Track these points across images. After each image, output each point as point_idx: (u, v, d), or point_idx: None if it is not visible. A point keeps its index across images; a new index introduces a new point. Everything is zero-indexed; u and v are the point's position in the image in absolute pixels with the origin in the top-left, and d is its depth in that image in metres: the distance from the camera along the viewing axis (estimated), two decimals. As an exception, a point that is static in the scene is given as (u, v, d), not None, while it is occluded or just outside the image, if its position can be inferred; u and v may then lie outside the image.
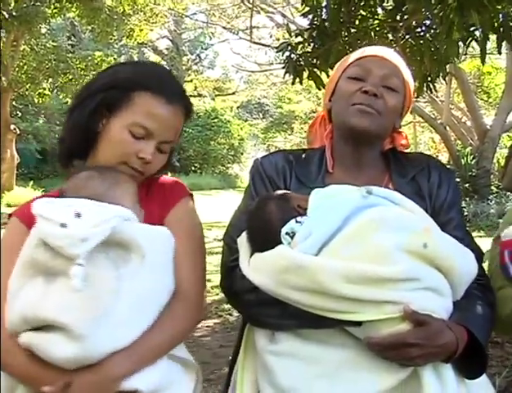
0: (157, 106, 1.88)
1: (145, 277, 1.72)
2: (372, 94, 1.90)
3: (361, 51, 2.03)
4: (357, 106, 1.90)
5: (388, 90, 1.93)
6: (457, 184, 2.14)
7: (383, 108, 1.91)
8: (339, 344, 1.69)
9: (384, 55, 1.99)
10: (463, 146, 20.64)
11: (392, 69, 1.97)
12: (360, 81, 1.94)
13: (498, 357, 5.38)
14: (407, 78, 2.01)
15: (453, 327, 1.68)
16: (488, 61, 20.42)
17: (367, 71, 1.95)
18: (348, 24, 6.23)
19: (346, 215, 1.71)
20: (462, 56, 10.82)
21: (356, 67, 1.97)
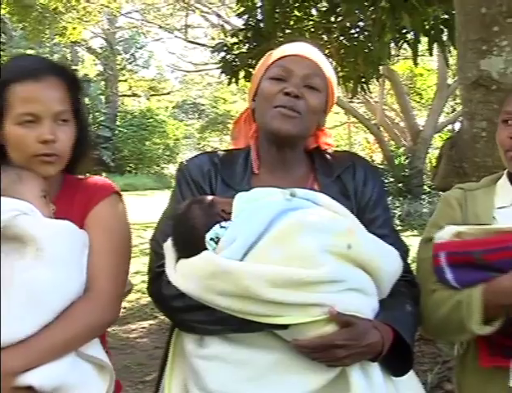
0: (27, 90, 1.85)
1: (42, 271, 1.69)
2: (294, 96, 1.89)
3: (283, 49, 2.00)
4: (278, 108, 1.89)
5: (310, 90, 1.92)
6: (383, 182, 2.15)
7: (305, 109, 1.90)
8: (268, 347, 1.69)
9: (305, 54, 1.97)
10: (396, 147, 20.98)
11: (313, 68, 1.95)
12: (281, 81, 1.92)
13: (430, 354, 5.47)
14: (329, 75, 2.00)
15: (379, 326, 1.69)
16: (420, 63, 20.80)
17: (288, 71, 1.93)
18: (282, 24, 6.26)
19: (270, 219, 1.70)
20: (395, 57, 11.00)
21: (277, 67, 1.95)
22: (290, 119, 1.89)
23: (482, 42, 3.14)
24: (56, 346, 1.70)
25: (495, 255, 1.82)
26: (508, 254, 1.80)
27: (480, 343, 1.91)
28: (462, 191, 2.12)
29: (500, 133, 2.03)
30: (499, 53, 3.12)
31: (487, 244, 1.83)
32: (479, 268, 1.84)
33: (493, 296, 1.79)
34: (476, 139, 3.27)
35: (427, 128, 19.15)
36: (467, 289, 1.85)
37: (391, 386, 1.74)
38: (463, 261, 1.86)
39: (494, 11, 3.08)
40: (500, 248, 1.81)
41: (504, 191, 2.07)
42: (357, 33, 6.31)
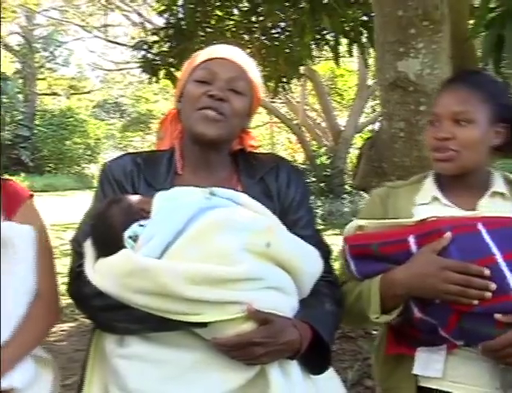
0: None
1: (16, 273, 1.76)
2: (218, 98, 1.88)
3: (209, 52, 2.00)
4: (203, 111, 1.88)
5: (234, 93, 1.92)
6: (307, 183, 2.17)
7: (229, 112, 1.90)
8: (188, 346, 1.68)
9: (230, 57, 1.97)
10: (318, 147, 21.23)
11: (238, 72, 1.95)
12: (206, 84, 1.91)
13: (351, 351, 5.55)
14: (255, 79, 2.01)
15: (297, 324, 1.71)
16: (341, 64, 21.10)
17: (213, 74, 1.92)
18: (204, 23, 6.24)
19: (188, 217, 1.70)
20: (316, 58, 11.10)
21: (202, 70, 1.95)
22: (215, 123, 1.88)
23: (400, 44, 3.20)
24: (27, 347, 1.80)
25: (391, 248, 1.88)
26: (403, 246, 1.86)
27: (388, 332, 1.99)
28: (386, 189, 2.18)
29: (427, 133, 2.07)
30: (416, 55, 3.18)
31: (384, 237, 1.90)
32: (378, 260, 1.90)
33: (388, 287, 1.85)
34: (394, 139, 3.33)
35: (348, 129, 19.45)
36: (367, 280, 1.92)
37: (310, 384, 1.77)
38: (363, 253, 1.92)
39: (410, 14, 3.14)
40: (396, 241, 1.88)
41: (426, 189, 2.11)
42: (278, 33, 6.35)
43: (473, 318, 1.78)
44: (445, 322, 1.82)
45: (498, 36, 3.47)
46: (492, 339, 1.77)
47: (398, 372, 1.98)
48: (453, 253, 1.80)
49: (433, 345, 1.90)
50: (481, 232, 1.83)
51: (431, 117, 2.07)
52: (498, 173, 2.12)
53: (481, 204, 2.02)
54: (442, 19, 3.19)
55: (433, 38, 3.17)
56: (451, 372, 1.89)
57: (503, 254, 1.78)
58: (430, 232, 1.85)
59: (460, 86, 2.05)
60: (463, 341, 1.85)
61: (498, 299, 1.75)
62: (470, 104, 2.00)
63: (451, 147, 1.98)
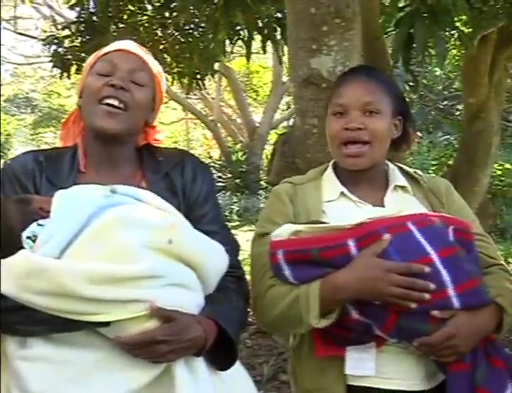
0: None
1: None
2: (119, 88, 1.87)
3: (109, 46, 2.00)
4: (104, 101, 1.87)
5: (136, 85, 1.91)
6: (213, 178, 2.16)
7: (131, 102, 1.89)
8: (91, 346, 1.66)
9: (130, 49, 1.97)
10: (234, 143, 21.29)
11: (139, 63, 1.95)
12: (106, 76, 1.90)
13: (266, 346, 5.58)
14: (156, 72, 2.00)
15: (202, 320, 1.71)
16: (256, 61, 21.19)
17: (114, 66, 1.91)
18: (116, 19, 6.14)
19: (88, 215, 1.67)
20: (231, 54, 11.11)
21: (103, 62, 1.94)
22: (116, 116, 1.87)
23: (312, 41, 3.22)
24: None
25: (332, 252, 1.86)
26: (344, 250, 1.86)
27: (314, 334, 1.96)
28: (292, 186, 2.15)
29: (332, 125, 2.07)
30: (328, 52, 3.21)
31: (323, 241, 1.88)
32: (317, 265, 1.88)
33: (329, 291, 1.84)
34: (308, 135, 3.35)
35: (263, 125, 19.57)
36: (305, 284, 1.89)
37: (217, 380, 1.76)
38: (301, 258, 1.90)
39: (323, 12, 3.17)
40: (337, 245, 1.87)
41: (330, 185, 2.12)
42: (192, 29, 6.31)
43: (410, 316, 1.81)
44: (382, 322, 1.84)
45: (408, 34, 3.56)
46: (427, 335, 1.81)
47: (326, 373, 1.97)
48: (392, 255, 1.82)
49: (362, 343, 1.91)
50: (413, 232, 1.85)
51: (336, 108, 2.06)
52: (393, 166, 2.17)
53: (387, 199, 2.07)
54: (353, 17, 3.23)
55: (345, 36, 3.21)
56: (380, 368, 1.92)
57: (437, 252, 1.82)
58: (368, 235, 1.85)
59: (364, 78, 2.08)
60: (397, 339, 1.88)
61: (436, 296, 1.79)
62: (378, 95, 2.05)
63: (363, 138, 2.01)
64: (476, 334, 1.85)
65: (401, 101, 2.14)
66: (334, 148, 2.09)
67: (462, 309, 1.82)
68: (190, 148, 24.09)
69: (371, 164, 2.06)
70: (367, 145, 2.02)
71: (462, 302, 1.81)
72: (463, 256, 1.88)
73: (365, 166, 2.05)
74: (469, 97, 6.63)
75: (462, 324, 1.81)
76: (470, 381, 1.83)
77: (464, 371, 1.84)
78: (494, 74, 6.51)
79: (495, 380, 1.85)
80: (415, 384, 1.93)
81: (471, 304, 1.84)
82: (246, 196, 17.55)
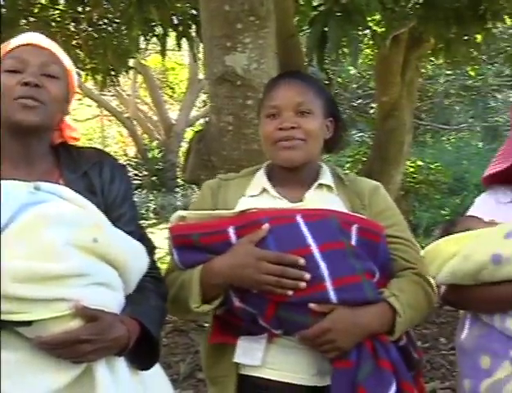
0: None
1: None
2: (33, 85, 1.81)
3: (15, 41, 1.92)
4: (20, 100, 1.80)
5: (49, 78, 1.86)
6: (130, 179, 2.14)
7: (47, 98, 1.84)
8: (12, 346, 1.60)
9: (38, 42, 1.91)
10: (150, 140, 21.11)
11: (49, 56, 1.90)
12: (18, 73, 1.84)
13: (183, 344, 5.56)
14: (67, 64, 1.96)
15: (125, 320, 1.69)
16: (172, 57, 21.07)
17: (24, 62, 1.85)
18: (26, 12, 5.98)
19: (12, 213, 1.62)
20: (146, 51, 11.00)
21: (11, 59, 1.86)
22: (33, 110, 1.81)
23: (227, 38, 3.22)
24: None
25: (211, 238, 1.90)
26: (223, 237, 1.89)
27: (213, 322, 2.00)
28: (218, 181, 2.19)
29: (266, 127, 2.07)
30: (243, 50, 3.22)
31: (204, 227, 1.92)
32: (200, 251, 1.92)
33: (207, 276, 1.88)
34: (223, 133, 3.35)
35: (179, 122, 19.49)
36: (189, 270, 1.93)
37: (137, 380, 1.75)
38: (185, 243, 1.94)
39: (237, 9, 3.17)
40: (216, 231, 1.90)
41: (257, 181, 2.14)
42: (106, 24, 6.21)
43: (289, 307, 1.83)
44: (263, 312, 1.85)
45: (321, 33, 3.60)
46: (308, 328, 1.82)
47: (222, 361, 2.00)
48: (270, 244, 1.84)
49: (255, 334, 1.93)
50: (299, 224, 1.87)
51: (270, 110, 2.07)
52: (327, 167, 2.18)
53: (307, 196, 2.08)
54: (267, 15, 3.24)
55: (260, 34, 3.22)
56: (270, 359, 1.93)
57: (318, 245, 1.84)
58: (249, 224, 1.88)
59: (295, 80, 2.11)
60: (281, 330, 1.89)
61: (313, 288, 1.81)
62: (309, 96, 2.07)
63: (297, 136, 2.02)
64: (356, 331, 1.85)
65: (331, 103, 2.17)
66: (268, 147, 2.09)
67: (340, 303, 1.84)
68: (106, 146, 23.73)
69: (305, 160, 2.07)
70: (301, 141, 2.03)
71: (339, 296, 1.82)
72: (353, 253, 1.90)
73: (299, 161, 2.06)
74: (382, 96, 6.78)
75: (340, 319, 1.83)
76: (352, 378, 1.82)
77: (346, 368, 1.84)
78: (406, 73, 6.68)
79: (378, 380, 1.84)
80: (304, 378, 1.94)
81: (348, 299, 1.85)
82: (163, 193, 17.43)
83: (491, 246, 1.82)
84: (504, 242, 1.82)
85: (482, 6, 5.51)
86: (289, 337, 1.91)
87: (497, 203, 2.10)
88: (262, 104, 2.14)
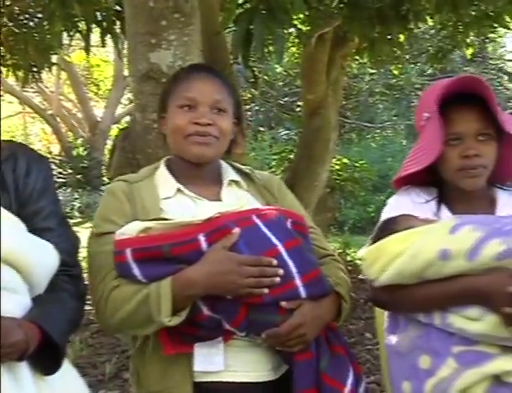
0: None
1: None
2: None
3: None
4: None
5: None
6: (50, 172, 2.04)
7: None
8: None
9: None
10: (74, 138, 20.74)
11: None
12: None
13: (109, 344, 5.50)
14: None
15: (23, 324, 1.63)
16: (97, 54, 20.77)
17: None
18: None
19: None
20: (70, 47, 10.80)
21: None
22: None
23: (151, 35, 3.18)
24: None
25: (183, 248, 1.85)
26: (194, 246, 1.85)
27: (161, 333, 1.91)
28: (127, 184, 2.09)
29: (179, 118, 2.03)
30: (167, 47, 3.18)
31: (174, 238, 1.86)
32: (168, 262, 1.86)
33: (181, 288, 1.81)
34: (148, 131, 3.31)
35: (105, 120, 19.24)
36: (155, 282, 1.84)
37: (43, 385, 1.69)
38: (151, 256, 1.86)
39: (161, 6, 3.13)
40: (188, 241, 1.85)
41: (166, 182, 2.10)
42: (27, 19, 6.05)
43: (260, 308, 1.84)
44: (233, 317, 1.85)
45: (247, 31, 3.59)
46: (276, 326, 1.85)
47: (175, 371, 1.93)
48: (242, 248, 1.84)
49: (210, 339, 1.90)
50: (259, 226, 1.89)
51: (184, 101, 2.04)
52: (224, 163, 2.19)
53: (223, 193, 2.08)
54: (192, 12, 3.22)
55: (184, 31, 3.19)
56: (228, 361, 1.92)
57: (282, 244, 1.86)
58: (218, 229, 1.86)
59: (213, 76, 2.10)
60: (246, 332, 1.89)
61: (284, 287, 1.84)
62: (225, 95, 2.08)
63: (212, 133, 2.01)
64: (320, 322, 1.91)
65: (238, 106, 2.18)
66: (178, 139, 2.05)
67: (308, 298, 1.88)
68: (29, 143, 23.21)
69: (215, 158, 2.08)
70: (215, 138, 2.03)
71: (308, 292, 1.87)
72: (305, 247, 1.94)
73: (210, 158, 2.06)
74: (307, 94, 6.84)
75: (308, 313, 1.87)
76: (315, 368, 1.89)
77: (309, 359, 1.89)
78: (331, 71, 6.75)
79: (338, 366, 1.93)
80: (262, 375, 1.96)
81: (315, 293, 1.90)
82: (88, 192, 17.15)
83: (438, 243, 1.83)
84: (450, 237, 1.83)
85: (404, 7, 5.62)
86: (243, 337, 1.91)
87: (413, 203, 2.13)
88: (171, 93, 2.10)
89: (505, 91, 19.54)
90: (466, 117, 2.01)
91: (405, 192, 2.19)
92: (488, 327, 1.77)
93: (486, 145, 2.02)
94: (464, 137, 2.01)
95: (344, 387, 1.90)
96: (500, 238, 1.78)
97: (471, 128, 2.01)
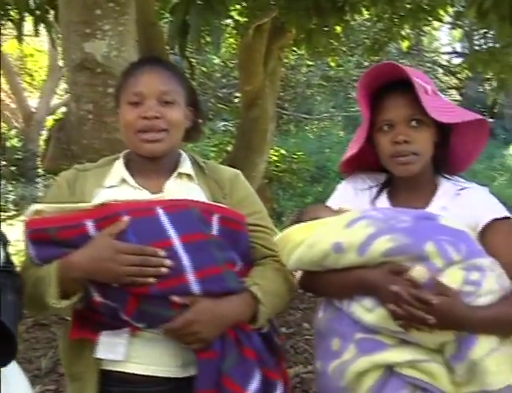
0: None
1: None
2: None
3: None
4: None
5: None
6: None
7: None
8: None
9: None
10: (8, 129, 20.29)
11: None
12: None
13: (45, 338, 5.41)
14: None
15: None
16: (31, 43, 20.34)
17: None
18: None
19: None
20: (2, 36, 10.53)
21: None
22: None
23: (86, 24, 3.13)
24: None
25: (69, 232, 1.85)
26: (81, 231, 1.85)
27: (73, 318, 1.94)
28: (75, 171, 2.12)
29: (128, 114, 2.02)
30: (102, 37, 3.15)
31: (62, 221, 1.86)
32: (58, 245, 1.86)
33: (65, 271, 1.82)
34: (83, 121, 3.27)
35: (40, 110, 18.84)
36: (47, 265, 1.87)
37: None
38: (42, 238, 1.87)
39: (96, -6, 3.10)
40: (75, 225, 1.85)
41: (116, 171, 2.10)
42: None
43: (151, 300, 1.81)
44: (124, 306, 1.83)
45: (183, 21, 3.58)
46: (171, 320, 1.82)
47: (82, 356, 1.95)
48: (130, 237, 1.82)
49: (117, 328, 1.89)
50: (159, 216, 1.86)
51: (131, 98, 2.03)
52: (187, 155, 2.18)
53: (167, 186, 2.06)
54: (127, 1, 3.19)
55: (119, 20, 3.17)
56: (134, 353, 1.91)
57: (179, 236, 1.83)
58: (108, 216, 1.85)
59: (159, 68, 2.08)
60: (144, 324, 1.87)
61: (175, 281, 1.81)
62: (173, 85, 2.06)
63: (160, 127, 2.00)
64: (220, 321, 1.87)
65: (192, 93, 2.16)
66: (129, 135, 2.04)
67: (203, 294, 1.84)
68: (-39, 134, 22.65)
69: (168, 151, 2.06)
70: (164, 132, 2.01)
71: (203, 288, 1.83)
72: (217, 243, 1.91)
73: (162, 152, 2.04)
74: (245, 85, 6.84)
75: (203, 310, 1.83)
76: (217, 368, 1.84)
77: (211, 358, 1.85)
78: (269, 63, 6.76)
79: (242, 369, 1.87)
80: (168, 370, 1.94)
81: (212, 290, 1.85)
82: (23, 184, 16.79)
83: (333, 235, 1.88)
84: (344, 231, 1.88)
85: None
86: (151, 330, 1.89)
87: (355, 190, 2.17)
88: (122, 89, 2.09)
89: (439, 83, 19.94)
90: (396, 103, 2.03)
91: (351, 179, 2.22)
92: (379, 319, 1.83)
93: (418, 131, 2.03)
94: (395, 123, 2.03)
95: (245, 392, 1.84)
96: (389, 235, 1.83)
97: (401, 114, 2.03)
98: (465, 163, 2.20)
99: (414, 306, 1.75)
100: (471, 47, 19.87)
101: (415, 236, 1.83)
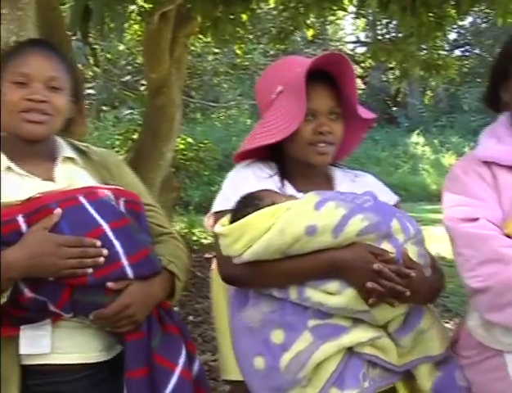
0: None
1: None
2: None
3: None
4: None
5: None
6: None
7: None
8: None
9: None
10: None
11: None
12: None
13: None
14: None
15: None
16: None
17: None
18: None
19: None
20: None
21: None
22: None
23: (-20, 8, 3.00)
24: None
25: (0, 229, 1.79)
26: (13, 227, 1.80)
27: None
28: None
29: (12, 94, 1.95)
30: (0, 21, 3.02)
31: None
32: None
33: (2, 271, 1.75)
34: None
35: None
36: None
37: None
38: None
39: (-8, -23, 2.97)
40: (5, 222, 1.80)
41: None
42: None
43: (85, 289, 1.82)
44: (57, 298, 1.81)
45: (85, 7, 3.48)
46: (104, 307, 1.83)
47: (4, 355, 1.86)
48: (64, 229, 1.81)
49: (36, 321, 1.85)
50: (84, 205, 1.86)
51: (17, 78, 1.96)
52: (62, 140, 2.15)
53: (57, 172, 2.03)
54: (26, -15, 3.07)
55: (18, 5, 3.04)
56: (57, 343, 1.88)
57: (108, 224, 1.85)
58: (38, 210, 1.81)
59: (50, 52, 2.04)
60: (73, 314, 1.86)
61: (110, 267, 1.82)
62: (61, 72, 2.03)
63: (46, 111, 1.96)
64: (150, 302, 1.91)
65: (77, 83, 2.14)
66: (11, 116, 1.96)
67: (136, 278, 1.87)
68: None
69: (47, 136, 2.02)
70: (48, 116, 1.97)
71: (135, 272, 1.86)
72: (135, 227, 1.94)
73: (44, 136, 2.00)
74: (151, 73, 6.76)
75: (136, 293, 1.86)
76: (146, 348, 1.88)
77: (140, 339, 1.88)
78: (175, 50, 6.70)
79: (170, 345, 1.93)
80: (93, 356, 1.94)
81: (144, 273, 1.89)
82: None
83: (305, 218, 1.86)
84: (316, 213, 1.86)
85: (246, -13, 5.67)
86: (73, 319, 1.88)
87: (257, 177, 2.16)
88: (5, 67, 2.01)
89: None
90: (322, 94, 2.09)
91: (246, 167, 2.20)
92: (347, 301, 1.84)
93: (336, 123, 2.11)
94: (318, 113, 2.08)
95: (176, 366, 1.89)
96: (362, 214, 1.85)
97: (325, 106, 2.09)
98: (346, 152, 2.28)
99: (395, 281, 1.81)
100: (374, 36, 20.29)
101: (381, 214, 1.89)
